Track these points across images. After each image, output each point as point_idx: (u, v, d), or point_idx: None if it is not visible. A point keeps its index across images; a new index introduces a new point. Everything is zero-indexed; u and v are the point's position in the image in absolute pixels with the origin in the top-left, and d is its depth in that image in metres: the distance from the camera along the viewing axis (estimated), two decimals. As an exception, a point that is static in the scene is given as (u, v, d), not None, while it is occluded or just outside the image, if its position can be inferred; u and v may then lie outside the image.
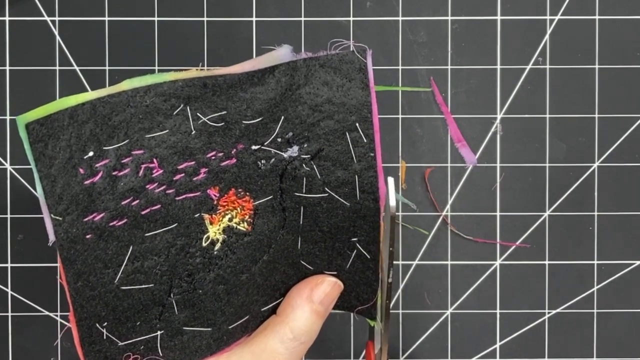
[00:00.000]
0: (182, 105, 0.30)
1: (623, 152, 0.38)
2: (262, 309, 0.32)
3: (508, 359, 0.38)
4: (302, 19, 0.37)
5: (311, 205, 0.32)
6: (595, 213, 0.38)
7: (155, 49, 0.37)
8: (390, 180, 0.31)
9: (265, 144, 0.31)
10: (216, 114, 0.30)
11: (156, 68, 0.36)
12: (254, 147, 0.31)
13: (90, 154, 0.28)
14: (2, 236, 0.37)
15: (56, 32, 0.37)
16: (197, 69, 0.30)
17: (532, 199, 0.38)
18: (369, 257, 0.32)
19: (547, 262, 0.38)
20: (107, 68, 0.37)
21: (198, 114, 0.30)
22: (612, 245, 0.38)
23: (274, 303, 0.33)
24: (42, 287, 0.37)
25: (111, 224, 0.29)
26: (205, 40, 0.37)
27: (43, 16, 0.37)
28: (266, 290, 0.32)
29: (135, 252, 0.30)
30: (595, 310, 0.38)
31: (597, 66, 0.37)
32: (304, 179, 0.31)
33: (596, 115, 0.37)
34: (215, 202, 0.30)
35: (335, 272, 0.33)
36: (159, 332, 0.31)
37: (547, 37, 0.37)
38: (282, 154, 0.31)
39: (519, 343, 0.38)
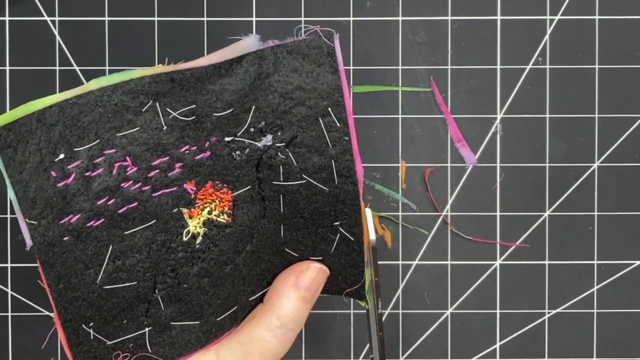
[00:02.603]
0: (150, 102, 0.29)
1: (623, 152, 0.38)
2: (250, 299, 0.32)
3: (508, 359, 0.38)
4: (302, 19, 0.37)
5: (290, 192, 0.32)
6: (595, 213, 0.38)
7: (155, 49, 0.37)
8: (368, 211, 0.31)
9: (238, 134, 0.31)
10: (186, 108, 0.30)
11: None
12: (227, 139, 0.31)
13: (61, 156, 0.28)
14: (2, 236, 0.37)
15: (56, 32, 0.37)
16: (163, 65, 0.30)
17: (532, 199, 0.38)
18: (352, 239, 0.33)
19: (547, 262, 0.38)
20: (107, 68, 0.37)
21: (168, 109, 0.30)
22: (612, 245, 0.38)
23: (261, 292, 0.33)
24: (42, 287, 0.37)
25: (88, 224, 0.29)
26: (205, 40, 0.37)
27: (43, 16, 0.37)
28: (252, 280, 0.32)
29: (116, 251, 0.30)
30: (595, 310, 0.38)
31: (597, 66, 0.37)
32: (281, 167, 0.31)
33: (596, 115, 0.37)
34: (192, 196, 0.30)
35: (320, 258, 0.33)
36: (147, 329, 0.31)
37: (547, 37, 0.37)
38: (256, 143, 0.31)
39: (519, 343, 0.38)
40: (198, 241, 0.31)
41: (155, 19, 0.37)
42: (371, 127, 0.37)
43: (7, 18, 0.37)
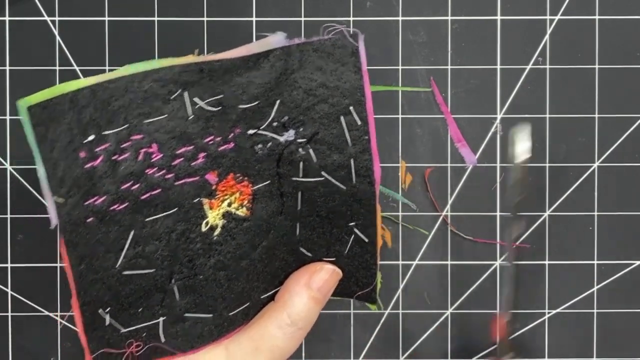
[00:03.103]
0: (179, 91, 0.30)
1: (623, 152, 0.38)
2: (262, 296, 0.33)
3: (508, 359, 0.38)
4: (302, 19, 0.37)
5: (308, 190, 0.32)
6: (595, 213, 0.38)
7: (155, 49, 0.37)
8: (525, 127, 0.31)
9: (262, 128, 0.31)
10: (213, 98, 0.30)
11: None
12: (250, 132, 0.31)
13: (91, 138, 0.29)
14: (2, 236, 0.37)
15: (56, 32, 0.37)
16: (193, 55, 0.30)
17: (532, 199, 0.38)
18: (366, 240, 0.33)
19: (547, 262, 0.38)
20: (107, 68, 0.37)
21: (195, 98, 0.30)
22: (612, 245, 0.38)
23: (273, 291, 0.33)
24: (42, 287, 0.37)
25: (112, 207, 0.29)
26: (205, 40, 0.37)
27: (43, 16, 0.37)
28: (266, 277, 0.32)
29: (136, 237, 0.30)
30: (595, 310, 0.38)
31: (597, 66, 0.37)
32: (301, 163, 0.31)
33: (596, 115, 0.37)
34: (214, 187, 0.31)
35: (334, 259, 0.33)
36: (161, 319, 0.31)
37: (547, 37, 0.37)
38: (279, 137, 0.31)
39: (519, 343, 0.38)
40: (216, 233, 0.31)
41: (155, 19, 0.37)
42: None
43: (7, 18, 0.37)
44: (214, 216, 0.31)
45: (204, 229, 0.31)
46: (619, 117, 0.37)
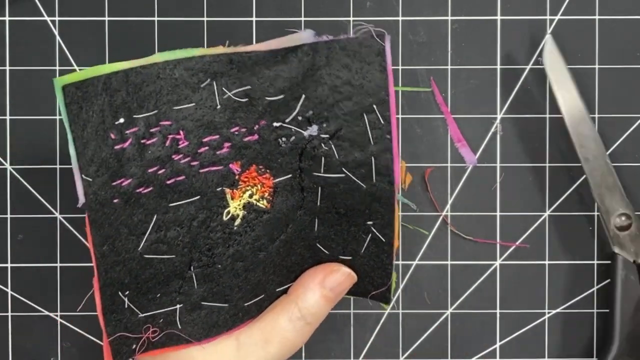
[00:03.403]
0: (208, 80, 0.31)
1: (623, 152, 0.37)
2: (277, 290, 0.33)
3: (508, 359, 0.38)
4: (302, 19, 0.37)
5: (329, 185, 0.32)
6: (595, 213, 0.38)
7: (155, 49, 0.37)
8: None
9: (287, 121, 0.32)
10: (241, 89, 0.31)
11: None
12: (275, 124, 0.32)
13: (121, 120, 0.30)
14: (2, 236, 0.37)
15: (56, 32, 0.37)
16: (224, 46, 0.31)
17: (532, 199, 0.38)
18: (383, 240, 0.33)
19: (547, 262, 0.38)
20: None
21: (223, 88, 0.31)
22: (612, 245, 0.38)
23: (288, 285, 0.33)
24: (42, 287, 0.37)
25: (137, 190, 0.30)
26: (205, 40, 0.37)
27: (43, 16, 0.37)
28: (282, 271, 0.33)
29: (159, 222, 0.31)
30: (595, 310, 0.38)
31: (597, 66, 0.37)
32: (323, 158, 0.32)
33: (596, 115, 0.37)
34: (236, 177, 0.31)
35: (350, 257, 0.33)
36: (178, 306, 0.31)
37: (547, 37, 0.37)
38: (302, 132, 0.32)
39: (519, 343, 0.38)
40: (236, 223, 0.31)
41: (155, 19, 0.37)
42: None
43: (7, 18, 0.37)
44: (235, 206, 0.31)
45: (224, 218, 0.31)
46: (619, 117, 0.37)
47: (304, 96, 0.31)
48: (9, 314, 0.37)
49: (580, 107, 0.35)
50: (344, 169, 0.32)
